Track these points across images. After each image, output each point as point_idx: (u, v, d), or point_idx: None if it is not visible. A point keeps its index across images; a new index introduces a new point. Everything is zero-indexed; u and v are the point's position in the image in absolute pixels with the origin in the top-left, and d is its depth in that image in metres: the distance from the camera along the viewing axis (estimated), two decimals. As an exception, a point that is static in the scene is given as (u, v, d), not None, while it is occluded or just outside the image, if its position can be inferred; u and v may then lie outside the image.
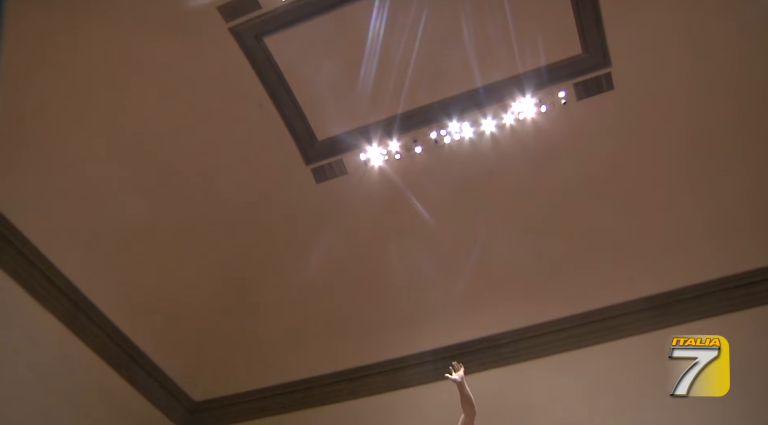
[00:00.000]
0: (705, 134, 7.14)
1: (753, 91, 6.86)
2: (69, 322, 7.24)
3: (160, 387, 8.45)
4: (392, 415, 7.61)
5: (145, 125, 7.25)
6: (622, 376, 6.93)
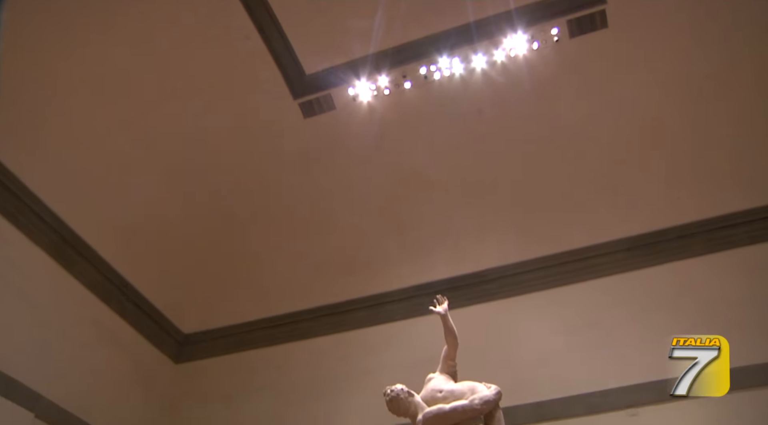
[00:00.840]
0: (695, 81, 7.10)
1: (745, 37, 6.79)
2: (57, 256, 7.27)
3: (151, 320, 8.60)
4: (376, 348, 7.82)
5: (130, 62, 7.05)
6: (604, 313, 7.14)
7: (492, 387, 3.38)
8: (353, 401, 7.41)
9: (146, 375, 8.50)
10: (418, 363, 4.21)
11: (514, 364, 6.81)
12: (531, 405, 6.63)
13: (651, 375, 6.53)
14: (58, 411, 6.88)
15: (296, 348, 8.45)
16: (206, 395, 8.48)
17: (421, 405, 3.38)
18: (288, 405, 7.88)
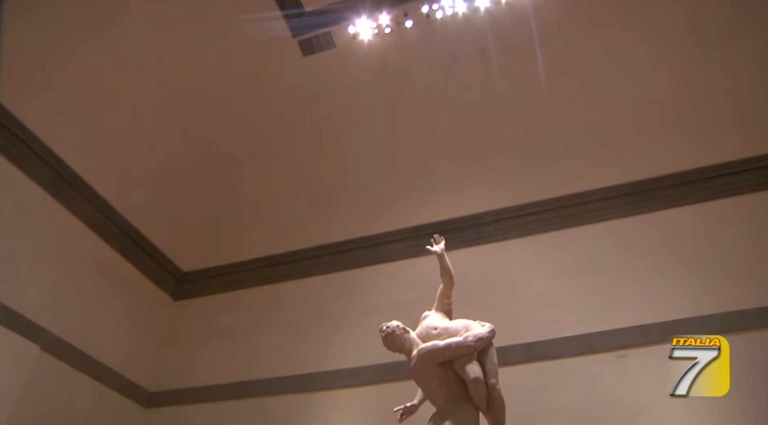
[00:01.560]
0: (697, 26, 6.95)
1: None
2: (55, 193, 7.27)
3: (150, 258, 8.70)
4: (373, 288, 7.93)
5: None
6: (599, 258, 7.21)
7: (486, 325, 3.44)
8: (350, 338, 7.57)
9: (146, 311, 8.66)
10: (414, 303, 4.29)
11: (508, 305, 6.93)
12: (523, 345, 6.79)
13: (641, 319, 6.68)
14: (62, 344, 7.05)
15: (294, 286, 8.57)
16: (205, 331, 8.66)
17: (415, 342, 3.45)
18: (285, 341, 8.05)
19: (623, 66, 7.39)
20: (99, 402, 7.53)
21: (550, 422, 6.32)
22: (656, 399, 6.21)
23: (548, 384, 6.59)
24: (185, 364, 8.46)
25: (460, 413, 3.21)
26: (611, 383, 6.41)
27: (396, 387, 5.40)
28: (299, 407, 7.47)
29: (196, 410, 7.99)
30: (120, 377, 7.90)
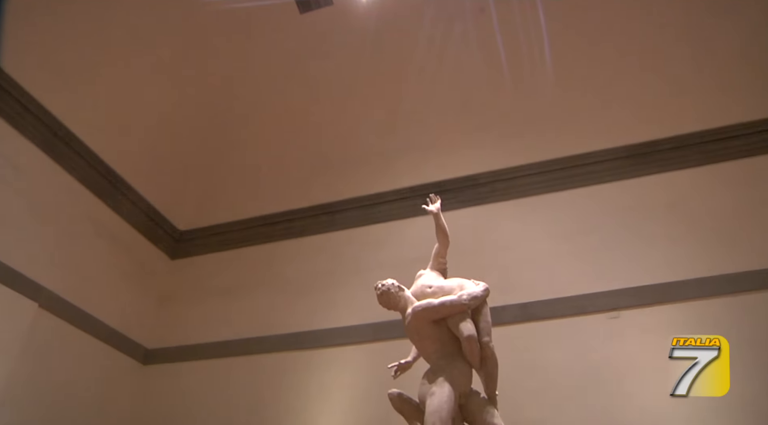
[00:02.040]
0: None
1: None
2: (49, 150, 7.22)
3: (146, 217, 8.70)
4: (369, 247, 7.97)
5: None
6: (594, 220, 7.23)
7: (480, 284, 3.47)
8: (346, 297, 7.64)
9: (143, 270, 8.70)
10: (409, 262, 4.30)
11: (502, 266, 6.98)
12: (518, 305, 6.87)
13: (634, 281, 6.75)
14: (60, 301, 7.10)
15: (291, 245, 8.61)
16: (202, 290, 8.73)
17: (410, 300, 3.48)
18: (282, 300, 8.13)
19: (624, 29, 7.29)
20: (97, 359, 7.63)
21: (542, 380, 6.44)
22: (647, 360, 6.31)
23: (541, 343, 6.69)
24: (182, 322, 8.56)
25: (454, 370, 3.26)
26: (603, 343, 6.51)
27: (391, 345, 5.47)
28: (296, 364, 7.59)
29: (194, 367, 8.11)
30: (118, 334, 7.99)
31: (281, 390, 7.47)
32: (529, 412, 6.04)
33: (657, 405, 6.02)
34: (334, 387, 7.30)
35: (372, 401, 6.47)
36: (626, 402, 6.13)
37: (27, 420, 6.50)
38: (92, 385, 7.51)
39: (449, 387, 3.16)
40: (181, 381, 8.07)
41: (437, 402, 3.12)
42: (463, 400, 3.27)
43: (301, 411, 7.25)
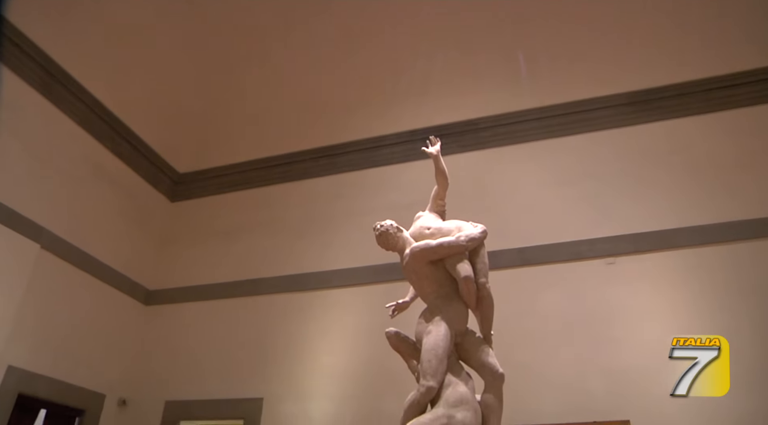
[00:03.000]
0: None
1: None
2: (46, 92, 7.15)
3: (145, 159, 8.68)
4: (369, 190, 8.00)
5: None
6: (594, 167, 7.23)
7: (478, 226, 3.49)
8: (346, 239, 7.72)
9: (143, 212, 8.75)
10: (408, 206, 4.31)
11: (501, 211, 7.01)
12: (515, 250, 6.94)
13: (631, 228, 6.81)
14: (62, 243, 7.16)
15: (291, 188, 8.63)
16: (202, 232, 8.80)
17: (408, 241, 3.51)
18: (281, 242, 8.21)
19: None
20: (100, 300, 7.76)
21: (538, 324, 6.57)
22: (642, 305, 6.44)
23: (537, 288, 6.80)
24: (183, 264, 8.66)
25: (450, 309, 3.32)
26: (599, 289, 6.61)
27: (390, 287, 5.55)
28: (296, 305, 7.72)
29: (195, 307, 8.26)
30: (120, 275, 8.10)
31: (282, 331, 7.63)
32: (523, 354, 6.19)
33: (647, 351, 6.16)
34: (334, 327, 7.45)
35: (371, 341, 6.62)
36: (618, 347, 6.26)
37: (34, 359, 6.66)
38: (96, 325, 7.66)
39: (445, 326, 3.23)
40: (182, 322, 8.24)
41: (433, 340, 3.19)
42: (459, 339, 3.34)
43: (303, 351, 7.42)
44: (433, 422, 3.01)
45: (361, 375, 6.95)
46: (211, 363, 7.74)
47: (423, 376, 3.13)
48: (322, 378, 7.19)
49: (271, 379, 7.36)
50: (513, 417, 4.97)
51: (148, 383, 7.93)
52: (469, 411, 3.06)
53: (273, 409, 7.21)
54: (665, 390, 5.90)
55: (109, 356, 7.79)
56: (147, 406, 7.77)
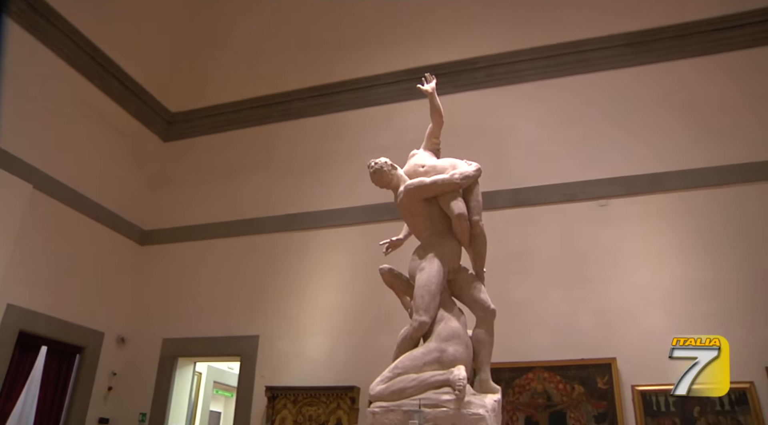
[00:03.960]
0: None
1: None
2: (31, 28, 6.96)
3: (136, 98, 8.55)
4: (365, 130, 7.95)
5: None
6: (590, 108, 7.18)
7: (473, 164, 3.49)
8: (341, 179, 7.73)
9: (135, 152, 8.68)
10: (404, 145, 4.29)
11: (496, 151, 7.01)
12: (509, 191, 6.97)
13: (624, 171, 6.83)
14: (55, 183, 7.15)
15: (286, 127, 8.56)
16: (196, 172, 8.77)
17: (402, 178, 3.51)
18: (276, 182, 8.21)
19: None
20: (96, 240, 7.80)
21: (530, 263, 6.67)
22: (632, 247, 6.53)
23: (530, 228, 6.87)
24: (178, 204, 8.67)
25: (443, 247, 3.36)
26: (591, 230, 6.68)
27: (384, 227, 5.57)
28: (292, 244, 7.80)
29: (191, 247, 8.32)
30: (115, 216, 8.11)
31: (278, 270, 7.72)
32: (515, 294, 6.31)
33: (636, 291, 6.30)
34: (329, 266, 7.55)
35: (365, 279, 6.71)
36: (607, 287, 6.39)
37: (33, 298, 6.75)
38: (93, 265, 7.73)
39: (438, 263, 3.27)
40: (178, 261, 8.31)
41: (426, 277, 3.24)
42: (452, 276, 3.39)
43: (298, 290, 7.53)
44: (425, 356, 3.09)
45: (355, 312, 7.10)
46: (207, 302, 7.86)
47: (416, 311, 3.18)
48: (316, 316, 7.34)
49: (266, 317, 7.51)
50: (504, 354, 5.11)
51: (145, 321, 8.08)
52: (461, 346, 3.13)
53: (269, 346, 7.38)
54: (651, 330, 6.11)
55: (106, 295, 7.89)
56: (145, 344, 7.94)
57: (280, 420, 6.96)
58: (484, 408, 2.90)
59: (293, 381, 7.06)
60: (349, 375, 6.72)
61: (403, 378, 3.01)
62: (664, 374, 5.87)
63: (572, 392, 6.12)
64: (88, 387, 7.51)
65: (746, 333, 5.76)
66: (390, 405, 2.93)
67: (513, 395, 6.25)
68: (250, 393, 7.26)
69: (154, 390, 7.74)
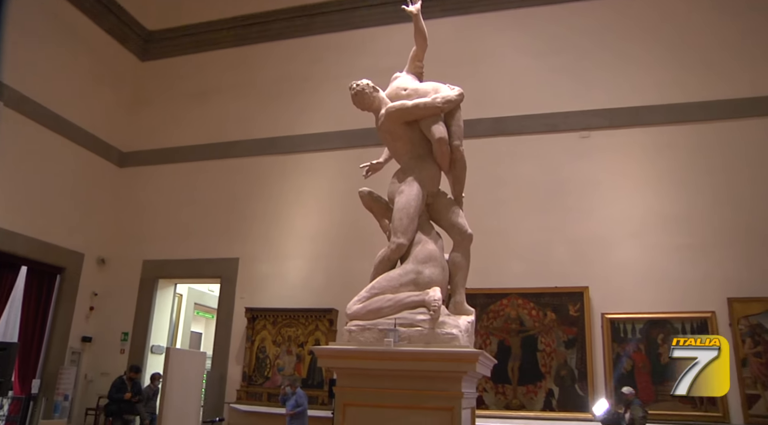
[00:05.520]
0: None
1: None
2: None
3: (111, 14, 8.22)
4: (347, 53, 7.78)
5: None
6: (576, 38, 7.08)
7: (455, 88, 3.44)
8: (321, 103, 7.62)
9: (112, 72, 8.45)
10: (386, 70, 4.19)
11: (480, 79, 6.91)
12: (491, 119, 6.94)
13: (607, 103, 6.82)
14: (25, 100, 6.95)
15: (266, 49, 8.34)
16: (175, 93, 8.58)
17: (384, 101, 3.45)
18: (256, 104, 8.08)
19: None
20: (73, 161, 7.70)
21: (510, 193, 6.73)
22: (611, 179, 6.60)
23: (512, 158, 6.88)
24: (157, 126, 8.52)
25: (423, 170, 3.35)
26: (571, 161, 6.72)
27: (364, 152, 5.54)
28: (272, 168, 7.76)
29: (170, 169, 8.25)
30: (92, 137, 7.97)
31: (258, 193, 7.72)
32: (493, 221, 6.39)
33: (611, 223, 6.42)
34: (308, 190, 7.55)
35: (344, 204, 6.76)
36: (584, 218, 6.50)
37: (10, 218, 6.70)
38: (71, 187, 7.65)
39: (418, 186, 3.27)
40: (158, 183, 8.26)
41: (405, 200, 3.24)
42: (431, 199, 3.40)
43: (278, 213, 7.56)
44: (402, 277, 3.14)
45: (335, 237, 7.18)
46: (187, 225, 7.87)
47: (394, 233, 3.21)
48: (296, 239, 7.41)
49: (246, 240, 7.56)
50: (479, 280, 5.24)
51: (125, 243, 8.09)
52: (437, 268, 3.18)
53: (248, 268, 7.48)
54: (623, 261, 6.28)
55: (85, 217, 7.86)
56: (125, 265, 7.98)
57: (260, 341, 7.14)
58: (458, 329, 2.98)
59: (273, 303, 7.20)
60: (327, 297, 6.86)
61: (379, 298, 3.07)
62: (632, 303, 6.13)
63: (544, 318, 6.34)
64: (69, 307, 7.59)
65: (713, 267, 5.97)
66: (366, 324, 3.00)
67: (487, 320, 6.45)
68: (230, 314, 7.41)
69: (135, 311, 7.86)
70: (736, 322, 5.83)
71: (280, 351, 7.04)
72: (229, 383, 7.14)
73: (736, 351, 5.71)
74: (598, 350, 6.10)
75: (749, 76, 6.44)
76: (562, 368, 6.18)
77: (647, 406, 5.44)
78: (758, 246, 5.93)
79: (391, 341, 2.85)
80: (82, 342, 7.70)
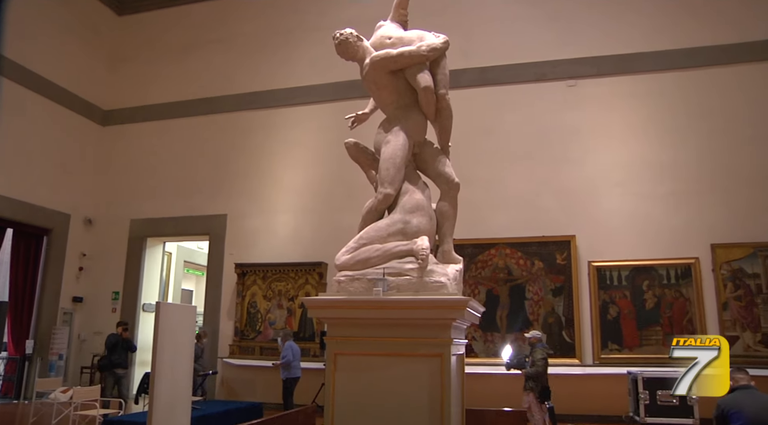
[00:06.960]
0: None
1: None
2: None
3: (85, -33, 7.98)
4: (329, 3, 7.55)
5: None
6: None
7: (440, 36, 3.38)
8: (306, 55, 7.48)
9: (88, 26, 8.22)
10: (372, 21, 4.10)
11: (465, 28, 6.80)
12: (477, 69, 6.87)
13: (594, 51, 6.75)
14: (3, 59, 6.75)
15: (249, 0, 8.12)
16: (155, 49, 8.38)
17: (369, 50, 3.39)
18: (238, 59, 7.92)
19: None
20: (54, 121, 7.58)
21: (496, 143, 6.72)
22: (598, 128, 6.60)
23: (498, 107, 6.84)
24: (138, 82, 8.35)
25: (409, 120, 3.32)
26: (559, 111, 6.69)
27: (349, 105, 5.47)
28: (257, 123, 7.67)
29: (154, 127, 8.13)
30: (71, 95, 7.82)
31: (243, 149, 7.65)
32: (480, 171, 6.39)
33: (598, 173, 6.45)
34: (295, 145, 7.48)
35: (330, 158, 6.75)
36: (571, 168, 6.51)
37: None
38: (53, 147, 7.55)
39: (404, 136, 3.24)
40: (142, 142, 8.15)
41: (392, 150, 3.22)
42: (417, 149, 3.38)
43: (264, 168, 7.51)
44: (390, 227, 3.15)
45: (321, 191, 7.17)
46: (173, 182, 7.81)
47: (381, 184, 3.20)
48: (283, 194, 7.39)
49: (233, 196, 7.53)
50: (467, 231, 5.29)
51: (112, 202, 8.04)
52: (425, 217, 3.19)
53: (237, 224, 7.47)
54: (609, 209, 6.34)
55: (70, 177, 7.77)
56: (113, 225, 7.95)
57: (250, 296, 7.20)
58: (446, 277, 3.01)
59: (262, 258, 7.23)
60: (316, 251, 6.89)
61: (367, 248, 3.08)
62: (619, 251, 6.22)
63: (532, 267, 6.42)
64: (59, 268, 7.59)
65: (697, 213, 6.05)
66: (355, 274, 3.02)
67: (475, 270, 6.53)
68: (220, 271, 7.44)
69: (125, 270, 7.86)
70: (719, 268, 5.95)
71: (271, 305, 7.10)
72: (221, 338, 7.22)
73: (718, 296, 5.87)
74: (584, 297, 6.21)
75: (734, 22, 6.40)
76: (550, 315, 6.30)
77: (633, 351, 5.56)
78: (740, 192, 6.00)
79: (380, 290, 2.87)
80: (74, 302, 7.73)
